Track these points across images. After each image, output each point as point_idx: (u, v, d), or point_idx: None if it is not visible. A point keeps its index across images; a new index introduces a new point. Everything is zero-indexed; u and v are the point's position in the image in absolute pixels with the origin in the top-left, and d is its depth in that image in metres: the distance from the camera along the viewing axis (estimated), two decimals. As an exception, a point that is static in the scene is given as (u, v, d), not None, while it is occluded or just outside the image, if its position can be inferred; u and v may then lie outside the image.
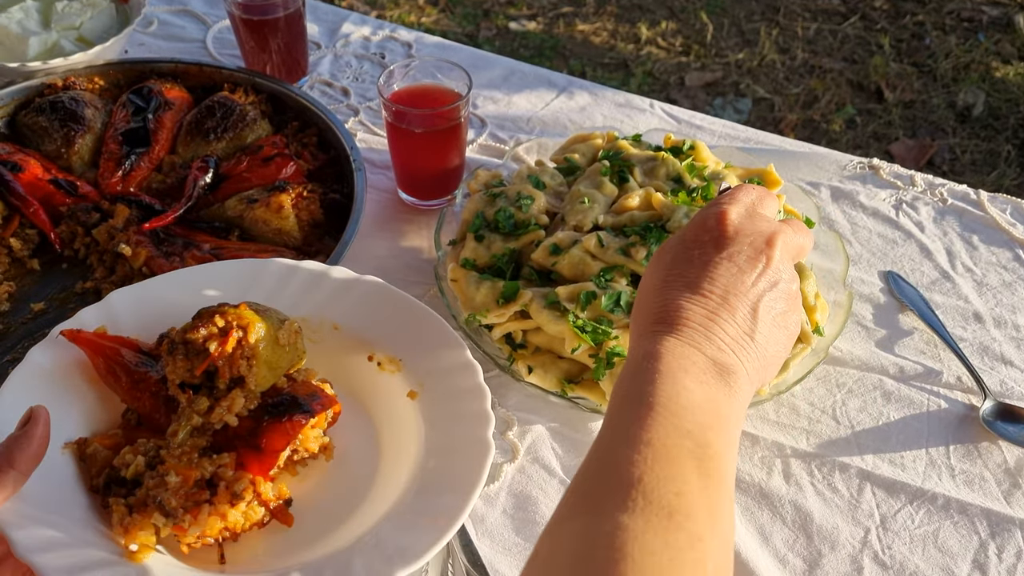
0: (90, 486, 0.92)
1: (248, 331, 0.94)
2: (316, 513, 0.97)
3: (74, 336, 0.98)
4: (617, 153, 1.58)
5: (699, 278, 0.87)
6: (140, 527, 0.87)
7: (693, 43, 4.03)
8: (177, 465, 0.90)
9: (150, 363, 0.99)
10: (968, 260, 1.61)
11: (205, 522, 0.88)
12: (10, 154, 1.53)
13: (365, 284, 1.12)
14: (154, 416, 0.98)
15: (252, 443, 0.94)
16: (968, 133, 3.59)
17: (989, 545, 1.23)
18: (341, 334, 1.10)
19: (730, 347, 0.84)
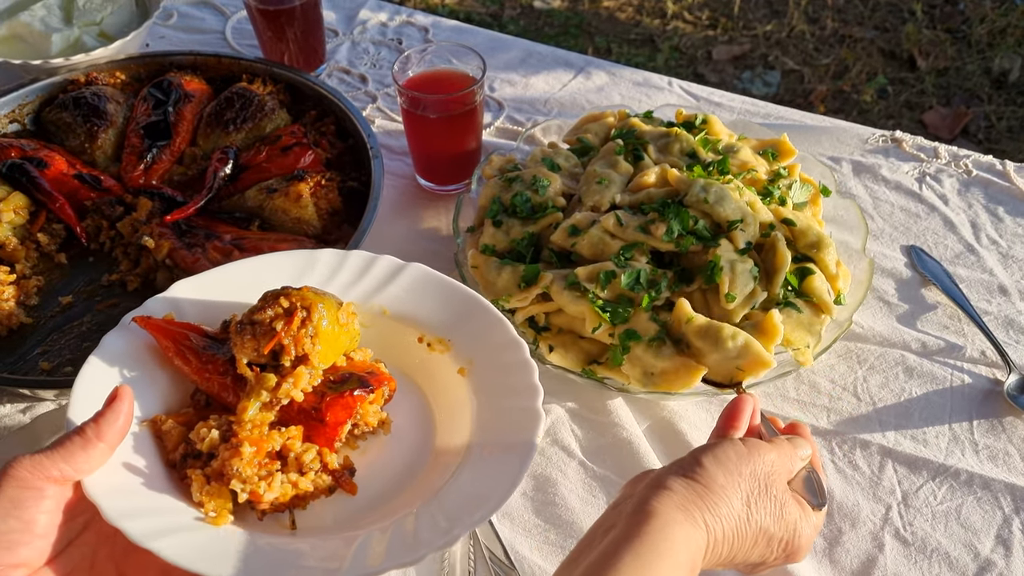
0: (166, 460, 0.97)
1: (311, 311, 0.99)
2: (378, 482, 1.02)
3: (146, 322, 1.04)
4: (630, 131, 1.57)
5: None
6: (218, 494, 0.93)
7: (720, 16, 3.98)
8: (250, 437, 0.95)
9: (216, 346, 1.04)
10: (993, 232, 1.58)
11: (279, 489, 0.94)
12: (36, 150, 1.56)
13: (411, 270, 1.16)
14: (222, 395, 1.03)
15: (316, 417, 1.00)
16: (1004, 100, 3.51)
17: (1013, 520, 1.22)
18: (390, 318, 1.15)
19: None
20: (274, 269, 1.14)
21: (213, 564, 0.85)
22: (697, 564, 0.88)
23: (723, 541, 0.90)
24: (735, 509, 0.91)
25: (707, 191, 1.37)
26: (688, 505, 0.89)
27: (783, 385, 1.37)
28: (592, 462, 1.29)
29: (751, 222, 1.36)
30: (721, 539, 0.90)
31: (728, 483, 0.92)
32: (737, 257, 1.33)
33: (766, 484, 0.95)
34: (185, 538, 0.86)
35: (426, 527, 0.91)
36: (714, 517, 0.89)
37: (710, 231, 1.36)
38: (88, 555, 0.86)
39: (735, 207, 1.36)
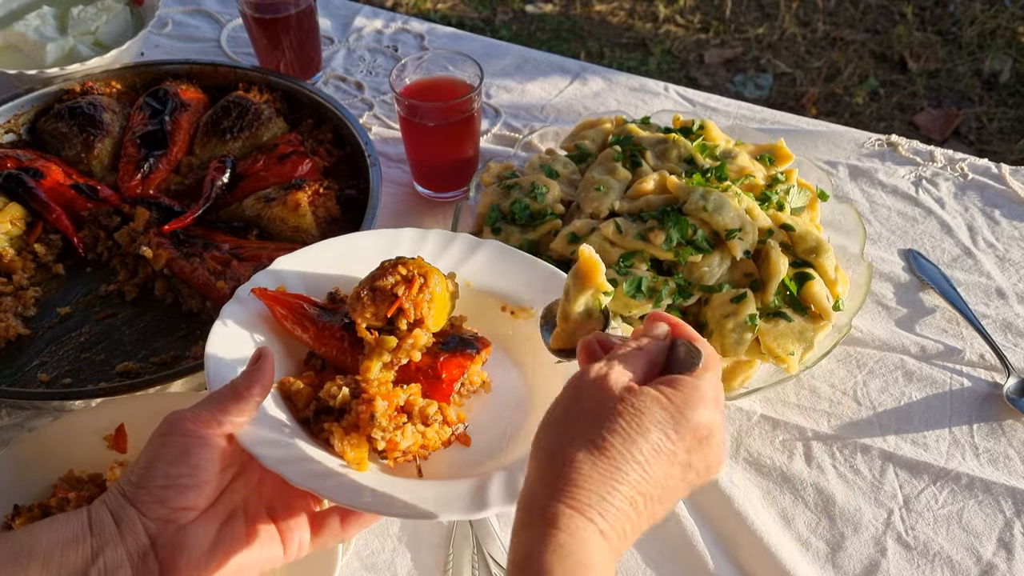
0: (298, 418, 1.05)
1: (428, 278, 1.07)
2: (484, 436, 1.10)
3: (263, 293, 1.12)
4: (627, 137, 1.57)
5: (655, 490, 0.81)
6: (358, 444, 1.01)
7: (712, 19, 3.99)
8: (380, 392, 1.03)
9: (327, 315, 1.12)
10: (990, 235, 1.59)
11: (411, 438, 1.02)
12: (32, 161, 1.56)
13: (488, 245, 1.24)
14: (339, 359, 1.11)
15: (432, 375, 1.08)
16: (995, 101, 3.53)
17: (1015, 523, 1.22)
18: (475, 290, 1.22)
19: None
20: (363, 246, 1.22)
21: (375, 502, 0.93)
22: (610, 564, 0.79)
23: (605, 504, 0.78)
24: (583, 465, 0.79)
25: (706, 199, 1.37)
26: (560, 516, 0.77)
27: (783, 390, 1.37)
28: (594, 469, 1.29)
29: (750, 230, 1.36)
30: (603, 509, 0.78)
31: (558, 446, 0.81)
32: (730, 308, 1.33)
33: (597, 408, 0.82)
34: (339, 481, 0.95)
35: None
36: (574, 501, 0.77)
37: (709, 241, 1.36)
38: (240, 502, 0.94)
39: (734, 215, 1.36)
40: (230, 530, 0.90)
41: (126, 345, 1.40)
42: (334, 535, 0.98)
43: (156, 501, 0.86)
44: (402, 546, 1.21)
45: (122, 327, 1.42)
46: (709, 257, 1.36)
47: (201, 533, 0.88)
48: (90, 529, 0.85)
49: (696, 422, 0.82)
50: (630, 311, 1.32)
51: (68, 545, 0.83)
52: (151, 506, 0.86)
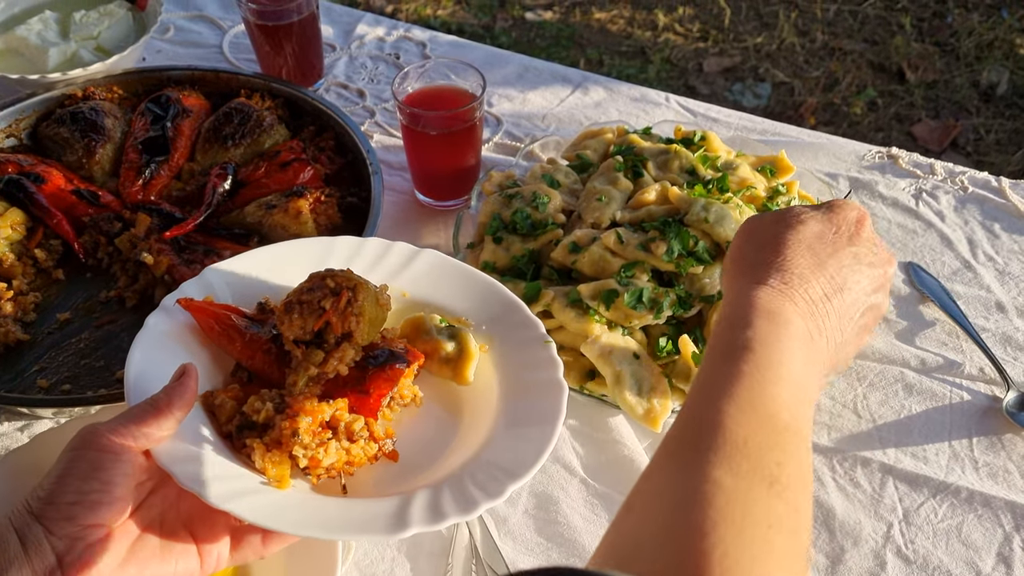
0: (220, 432, 1.03)
1: (357, 291, 1.05)
2: (413, 451, 1.09)
3: (189, 304, 1.10)
4: (629, 148, 1.58)
5: (826, 257, 0.99)
6: (280, 461, 1.00)
7: (711, 28, 4.00)
8: (305, 408, 1.02)
9: (255, 326, 1.11)
10: (990, 249, 1.59)
11: (334, 455, 1.01)
12: (33, 165, 1.55)
13: (426, 255, 1.23)
14: (266, 371, 1.09)
15: (360, 389, 1.07)
16: (992, 112, 3.54)
17: (1014, 538, 1.23)
18: (410, 300, 1.22)
19: (825, 327, 0.95)
20: (295, 255, 1.21)
21: (291, 523, 0.92)
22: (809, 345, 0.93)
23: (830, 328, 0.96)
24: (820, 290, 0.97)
25: (708, 210, 1.37)
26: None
27: (784, 402, 1.37)
28: (594, 480, 1.29)
29: (753, 241, 1.36)
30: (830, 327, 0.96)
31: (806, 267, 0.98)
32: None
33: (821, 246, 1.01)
34: (257, 500, 0.93)
35: (477, 485, 0.98)
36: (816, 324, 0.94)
37: (710, 252, 1.37)
38: (156, 517, 0.92)
39: (735, 227, 1.36)
40: (143, 546, 0.89)
41: (126, 351, 1.35)
42: (254, 550, 0.97)
43: (64, 518, 0.83)
44: (401, 556, 1.21)
45: (122, 333, 1.42)
46: (710, 268, 1.36)
47: (111, 550, 0.85)
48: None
49: (841, 212, 1.05)
50: (630, 322, 1.32)
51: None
52: (59, 523, 0.83)
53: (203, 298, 1.12)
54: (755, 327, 0.89)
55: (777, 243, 1.00)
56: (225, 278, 1.17)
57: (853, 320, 0.99)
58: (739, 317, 0.91)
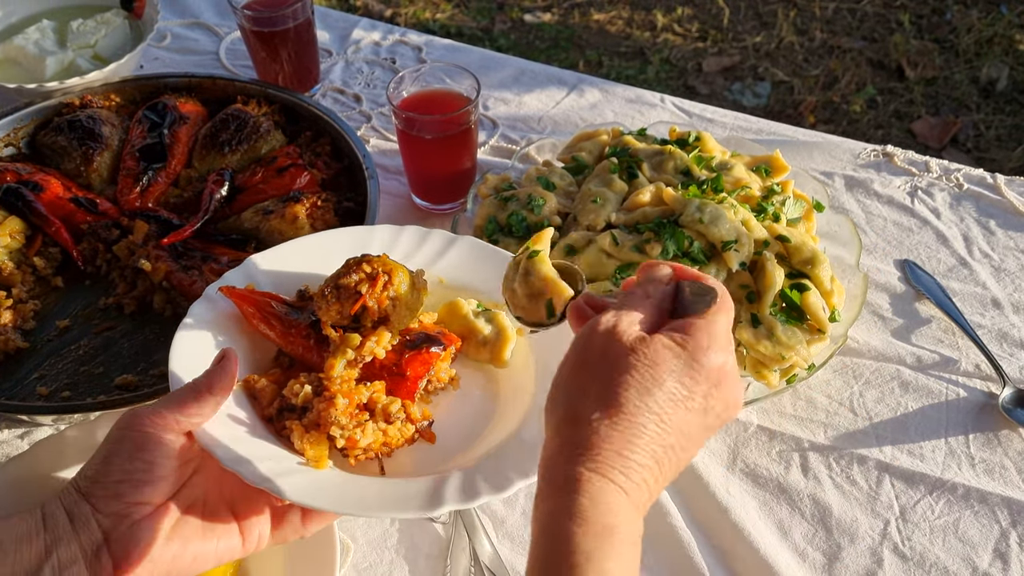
0: (262, 415, 1.06)
1: (392, 275, 1.08)
2: (451, 433, 1.11)
3: (231, 292, 1.13)
4: (624, 149, 1.58)
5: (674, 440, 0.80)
6: (318, 442, 1.02)
7: (710, 28, 4.00)
8: (342, 390, 1.04)
9: (295, 312, 1.13)
10: (985, 245, 1.59)
11: (371, 436, 1.03)
12: (31, 174, 1.56)
13: (463, 241, 1.25)
14: (306, 356, 1.12)
15: (397, 372, 1.09)
16: (992, 108, 3.54)
17: (1010, 534, 1.23)
18: (447, 286, 1.23)
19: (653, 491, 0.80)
20: (336, 243, 1.23)
21: (328, 500, 0.94)
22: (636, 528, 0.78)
23: (628, 458, 0.77)
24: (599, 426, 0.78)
25: (702, 211, 1.38)
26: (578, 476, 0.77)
27: (780, 401, 1.38)
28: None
29: (745, 242, 1.37)
30: (624, 466, 0.77)
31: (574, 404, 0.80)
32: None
33: (605, 361, 0.81)
34: (295, 479, 0.95)
35: (508, 464, 0.99)
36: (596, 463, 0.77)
37: (705, 252, 1.37)
38: (200, 496, 0.95)
39: (730, 227, 1.37)
40: (186, 524, 0.91)
41: (125, 358, 1.40)
42: (295, 530, 1.00)
43: (111, 496, 0.87)
44: (399, 558, 1.22)
45: (121, 340, 1.43)
46: (705, 269, 1.36)
47: (156, 527, 0.89)
48: (44, 526, 0.86)
49: (710, 366, 0.81)
50: None
51: (22, 542, 0.85)
52: (106, 501, 0.87)
53: (245, 286, 1.15)
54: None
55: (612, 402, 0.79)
56: (266, 267, 1.20)
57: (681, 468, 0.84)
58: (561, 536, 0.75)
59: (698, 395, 0.80)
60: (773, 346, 1.29)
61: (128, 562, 0.86)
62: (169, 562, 0.89)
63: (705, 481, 1.28)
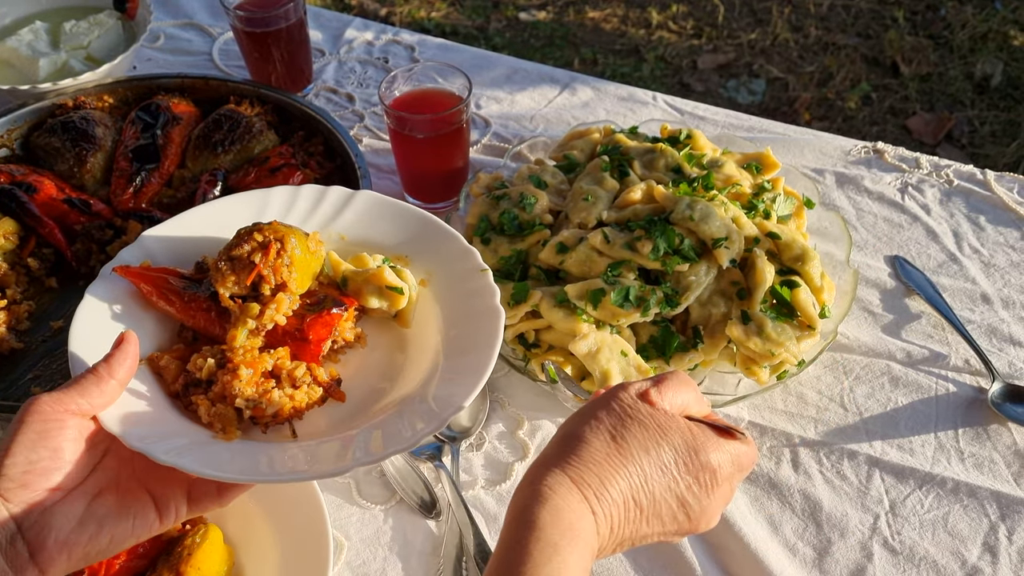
0: (169, 392, 1.07)
1: (284, 242, 1.08)
2: (361, 389, 1.13)
3: (126, 271, 1.12)
4: (616, 147, 1.59)
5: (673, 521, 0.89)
6: (224, 414, 1.03)
7: (704, 25, 4.01)
8: (244, 360, 1.05)
9: (194, 286, 1.13)
10: (975, 241, 1.60)
11: (277, 403, 1.05)
12: (25, 175, 1.57)
13: (362, 196, 1.25)
14: (208, 328, 1.12)
15: (300, 337, 1.10)
16: (987, 104, 3.55)
17: (999, 527, 1.23)
18: (349, 243, 1.24)
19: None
20: (233, 210, 1.22)
21: (237, 471, 0.95)
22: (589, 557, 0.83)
23: (607, 490, 0.85)
24: (600, 452, 0.86)
25: (693, 208, 1.38)
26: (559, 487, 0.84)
27: (771, 397, 1.38)
28: (583, 477, 1.30)
29: (736, 239, 1.37)
30: (603, 491, 0.85)
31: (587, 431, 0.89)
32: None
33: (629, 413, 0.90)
34: (204, 452, 0.97)
35: (417, 416, 1.01)
36: (583, 478, 0.85)
37: (696, 250, 1.38)
38: (112, 476, 0.95)
39: (720, 224, 1.37)
40: (100, 505, 0.92)
41: (119, 358, 1.41)
42: (212, 500, 1.00)
43: (19, 486, 0.87)
44: (392, 555, 1.23)
45: (115, 340, 1.43)
46: (696, 266, 1.37)
47: (69, 511, 0.89)
48: None
49: (706, 462, 0.89)
50: (618, 320, 1.33)
51: None
52: (14, 491, 0.87)
53: (140, 263, 1.15)
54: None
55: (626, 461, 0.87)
56: (162, 241, 1.19)
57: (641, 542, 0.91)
58: None
59: (683, 482, 0.88)
60: (763, 343, 1.30)
61: (43, 548, 0.87)
62: (85, 544, 0.89)
63: (696, 477, 1.29)
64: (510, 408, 1.38)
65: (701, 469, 0.89)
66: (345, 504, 1.28)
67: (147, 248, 1.18)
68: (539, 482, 0.84)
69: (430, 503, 1.27)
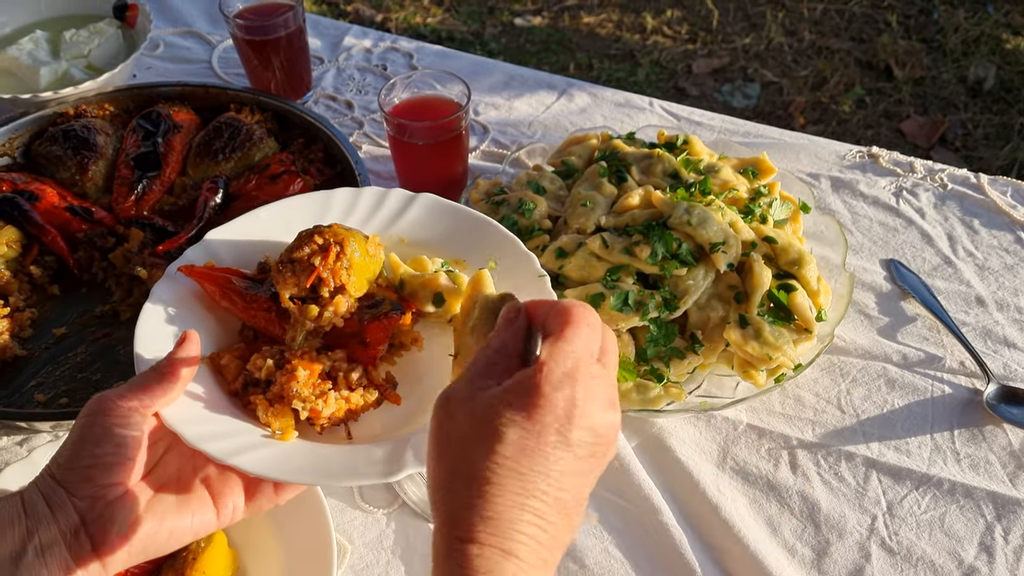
0: (228, 391, 1.08)
1: (344, 245, 1.10)
2: (417, 392, 1.13)
3: (191, 271, 1.14)
4: (613, 153, 1.60)
5: (535, 475, 0.76)
6: (282, 414, 1.05)
7: (699, 30, 4.03)
8: (303, 362, 1.06)
9: (256, 286, 1.15)
10: (969, 244, 1.62)
11: (334, 404, 1.06)
12: (27, 183, 1.58)
13: (422, 199, 1.26)
14: (269, 328, 1.14)
15: (358, 339, 1.11)
16: (980, 107, 3.57)
17: (995, 527, 1.25)
18: (408, 246, 1.24)
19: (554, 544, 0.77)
20: (295, 211, 1.23)
21: (293, 472, 0.97)
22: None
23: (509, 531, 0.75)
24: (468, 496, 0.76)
25: (690, 213, 1.40)
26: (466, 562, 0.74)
27: (769, 400, 1.40)
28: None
29: (733, 243, 1.39)
30: (508, 535, 0.75)
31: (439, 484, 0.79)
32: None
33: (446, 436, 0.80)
34: (261, 453, 0.98)
35: None
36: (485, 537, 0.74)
37: (693, 254, 1.39)
38: (173, 473, 0.98)
39: (717, 229, 1.39)
40: (161, 501, 0.94)
41: (122, 365, 1.41)
42: (268, 499, 1.02)
43: (83, 480, 0.89)
44: (396, 559, 1.24)
45: (118, 347, 1.44)
46: (694, 270, 1.38)
47: (130, 506, 0.91)
48: (24, 511, 0.89)
49: (555, 403, 0.77)
50: (617, 324, 1.34)
51: (5, 526, 0.88)
52: (79, 485, 0.89)
53: (204, 263, 1.16)
54: None
55: (474, 476, 0.75)
56: (226, 242, 1.21)
57: (580, 505, 0.81)
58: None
59: (549, 434, 0.76)
60: (761, 346, 1.31)
61: (105, 541, 0.89)
62: (146, 539, 0.91)
63: (696, 479, 1.30)
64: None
65: (551, 410, 0.77)
66: (348, 508, 1.29)
67: (211, 248, 1.19)
68: (455, 569, 0.74)
69: (432, 507, 1.28)
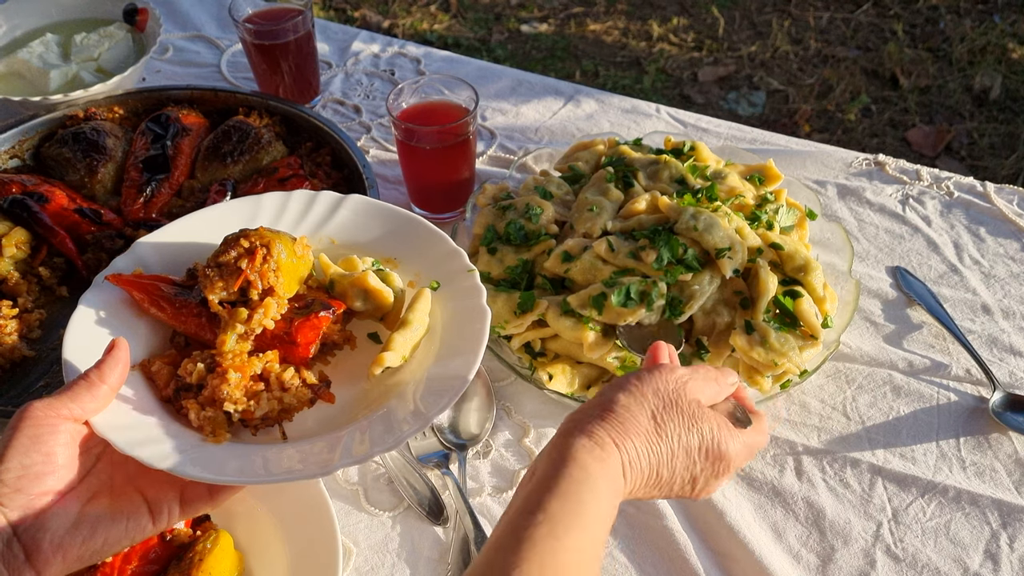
0: (160, 397, 1.09)
1: (270, 247, 1.10)
2: (350, 389, 1.15)
3: (118, 279, 1.15)
4: (620, 159, 1.61)
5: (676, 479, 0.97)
6: (214, 418, 1.05)
7: (705, 38, 4.04)
8: (233, 364, 1.07)
9: (185, 292, 1.15)
10: (975, 252, 1.62)
11: (266, 406, 1.07)
12: (36, 185, 1.59)
13: (351, 201, 1.28)
14: (199, 333, 1.14)
15: (288, 340, 1.12)
16: (986, 116, 3.57)
17: (1001, 535, 1.25)
18: (339, 247, 1.26)
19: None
20: (224, 217, 1.25)
21: (228, 473, 0.98)
22: (617, 498, 0.92)
23: (639, 458, 0.93)
24: (642, 425, 0.95)
25: (697, 219, 1.40)
26: (599, 433, 0.92)
27: (774, 406, 1.40)
28: (589, 485, 1.31)
29: (739, 249, 1.39)
30: (636, 456, 0.93)
31: (632, 403, 0.96)
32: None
33: (672, 399, 0.98)
34: (194, 456, 0.99)
35: (400, 417, 1.04)
36: (623, 436, 0.93)
37: (699, 259, 1.39)
38: (106, 480, 0.98)
39: (724, 235, 1.39)
40: (94, 508, 0.94)
41: (129, 366, 1.42)
42: (204, 503, 1.03)
43: (13, 490, 0.89)
44: (400, 561, 1.24)
45: (125, 348, 1.45)
46: (699, 276, 1.39)
47: (63, 514, 0.91)
48: None
49: (724, 452, 0.98)
50: (623, 320, 1.34)
51: None
52: (9, 495, 0.89)
53: (133, 271, 1.17)
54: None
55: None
56: (155, 249, 1.22)
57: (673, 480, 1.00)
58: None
59: (700, 465, 0.98)
60: (766, 352, 1.31)
61: (39, 550, 0.88)
62: (80, 546, 0.91)
63: (701, 485, 1.30)
64: (516, 416, 1.40)
65: (719, 458, 0.98)
66: (354, 511, 1.29)
67: (140, 255, 1.20)
68: (584, 427, 0.92)
69: (437, 510, 1.28)
